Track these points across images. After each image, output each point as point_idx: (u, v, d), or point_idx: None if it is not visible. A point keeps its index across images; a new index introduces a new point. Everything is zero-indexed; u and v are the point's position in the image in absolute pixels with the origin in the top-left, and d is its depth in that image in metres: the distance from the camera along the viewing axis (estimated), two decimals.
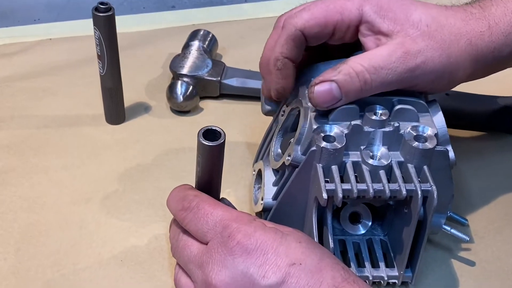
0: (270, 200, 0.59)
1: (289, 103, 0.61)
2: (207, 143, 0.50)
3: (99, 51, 0.71)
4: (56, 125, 0.76)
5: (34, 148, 0.73)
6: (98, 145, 0.74)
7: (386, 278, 0.57)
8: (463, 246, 0.63)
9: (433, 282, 0.60)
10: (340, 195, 0.51)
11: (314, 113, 0.56)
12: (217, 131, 0.51)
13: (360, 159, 0.54)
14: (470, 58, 0.56)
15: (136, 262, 0.61)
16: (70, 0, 1.06)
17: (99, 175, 0.70)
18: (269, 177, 0.61)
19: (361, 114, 0.55)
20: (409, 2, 0.56)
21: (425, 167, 0.53)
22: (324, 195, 0.51)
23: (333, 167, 0.53)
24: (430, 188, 0.52)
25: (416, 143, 0.53)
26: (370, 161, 0.53)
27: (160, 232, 0.64)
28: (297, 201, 0.56)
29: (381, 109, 0.55)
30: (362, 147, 0.55)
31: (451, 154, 0.56)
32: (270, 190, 0.60)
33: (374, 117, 0.54)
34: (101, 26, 0.69)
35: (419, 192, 0.52)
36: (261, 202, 0.60)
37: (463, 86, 0.61)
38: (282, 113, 0.62)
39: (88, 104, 0.80)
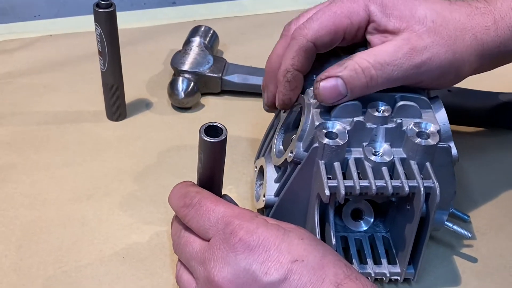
0: (272, 197, 0.59)
1: None
2: (209, 140, 0.50)
3: (100, 48, 0.71)
4: (57, 122, 0.76)
5: (35, 145, 0.73)
6: (99, 142, 0.74)
7: (388, 275, 0.56)
8: (465, 243, 0.63)
9: (435, 279, 0.60)
10: (343, 192, 0.51)
11: (317, 110, 0.56)
12: (219, 127, 0.51)
13: (363, 156, 0.54)
14: (476, 53, 0.56)
15: (138, 259, 0.61)
16: None
17: (100, 172, 0.70)
18: (271, 174, 0.61)
19: (364, 111, 0.55)
20: None
21: (428, 164, 0.53)
22: (327, 192, 0.51)
23: (336, 164, 0.53)
24: (433, 185, 0.52)
25: (419, 140, 0.53)
26: (373, 158, 0.53)
27: (162, 229, 0.64)
28: (299, 198, 0.56)
29: (384, 106, 0.55)
30: (365, 144, 0.54)
31: (454, 151, 0.56)
32: (272, 187, 0.60)
33: (377, 114, 0.54)
34: (102, 22, 0.69)
35: (422, 189, 0.52)
36: (263, 199, 0.60)
37: (465, 83, 0.61)
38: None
39: (89, 101, 0.80)
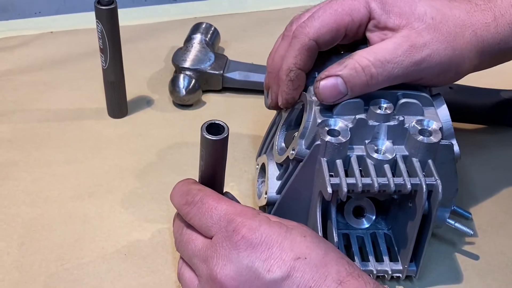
0: (274, 194, 0.59)
1: None
2: (211, 137, 0.50)
3: (102, 45, 0.71)
4: (58, 119, 0.76)
5: (37, 142, 0.73)
6: (101, 139, 0.74)
7: (390, 272, 0.57)
8: (467, 240, 0.63)
9: (437, 276, 0.60)
10: (345, 189, 0.51)
11: (319, 107, 0.56)
12: (221, 125, 0.51)
13: (365, 153, 0.54)
14: (476, 50, 0.56)
15: (140, 256, 0.61)
16: None
17: (102, 169, 0.70)
18: (273, 171, 0.61)
19: (366, 108, 0.55)
20: None
21: (430, 161, 0.53)
22: (329, 189, 0.51)
23: (338, 161, 0.53)
24: (435, 182, 0.52)
25: (421, 137, 0.53)
26: (375, 155, 0.53)
27: (164, 226, 0.64)
28: (301, 195, 0.56)
29: (386, 103, 0.55)
30: (367, 141, 0.54)
31: (456, 148, 0.56)
32: (274, 184, 0.60)
33: (379, 111, 0.54)
34: (104, 19, 0.69)
35: (424, 186, 0.52)
36: (265, 196, 0.60)
37: (466, 80, 0.61)
38: None
39: (90, 98, 0.80)
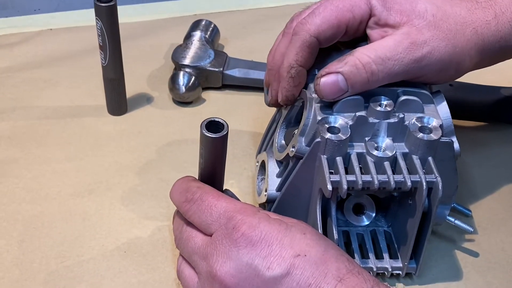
0: (274, 192, 0.59)
1: None
2: (210, 135, 0.50)
3: (101, 42, 0.71)
4: (58, 116, 0.76)
5: (36, 140, 0.73)
6: (100, 137, 0.74)
7: (390, 269, 0.57)
8: (467, 237, 0.63)
9: (437, 273, 0.60)
10: (345, 187, 0.51)
11: (319, 104, 0.56)
12: (220, 123, 0.50)
13: (365, 151, 0.54)
14: (476, 48, 0.56)
15: (140, 254, 0.61)
16: None
17: (102, 167, 0.70)
18: (273, 169, 0.61)
19: (366, 105, 0.55)
20: None
21: (430, 159, 0.53)
22: (329, 187, 0.51)
23: (338, 159, 0.53)
24: (435, 180, 0.52)
25: (421, 134, 0.53)
26: (375, 153, 0.53)
27: (163, 224, 0.64)
28: (301, 193, 0.56)
29: (386, 100, 0.55)
30: (367, 139, 0.54)
31: (456, 145, 0.56)
32: (274, 182, 0.60)
33: (379, 108, 0.54)
34: (103, 16, 0.69)
35: (424, 184, 0.52)
36: (265, 194, 0.60)
37: (467, 78, 0.61)
38: None
39: (90, 95, 0.80)
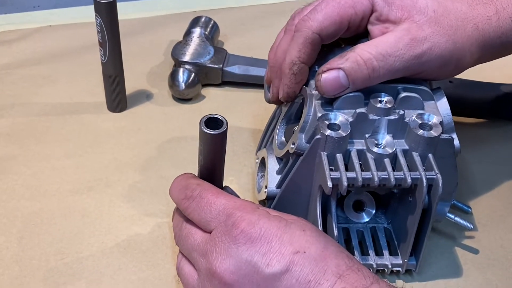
0: (274, 188, 0.59)
1: None
2: (209, 132, 0.50)
3: (101, 38, 0.71)
4: (57, 113, 0.76)
5: (36, 136, 0.73)
6: (100, 133, 0.74)
7: (390, 266, 0.57)
8: (467, 234, 0.63)
9: (437, 270, 0.60)
10: (345, 184, 0.51)
11: (319, 101, 0.55)
12: (219, 119, 0.50)
13: (365, 147, 0.54)
14: (477, 44, 0.56)
15: (139, 251, 0.61)
16: None
17: (101, 164, 0.70)
18: (273, 165, 0.61)
19: (366, 102, 0.55)
20: None
21: (430, 155, 0.53)
22: (329, 184, 0.51)
23: (338, 155, 0.53)
24: (435, 176, 0.52)
25: (421, 131, 0.53)
26: (375, 149, 0.53)
27: (163, 220, 0.64)
28: (301, 190, 0.56)
29: (386, 97, 0.54)
30: (367, 135, 0.54)
31: (456, 142, 0.56)
32: (274, 178, 0.60)
33: (379, 105, 0.54)
34: (103, 13, 0.69)
35: (424, 180, 0.52)
36: (265, 190, 0.60)
37: (466, 74, 0.61)
38: None
39: (89, 92, 0.80)
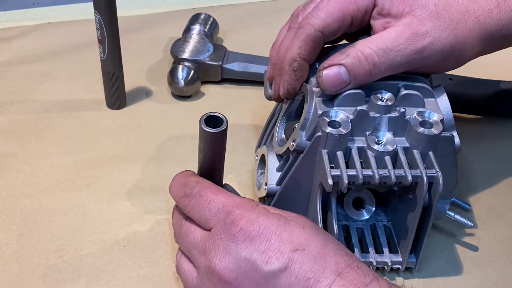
0: (274, 186, 0.59)
1: None
2: (209, 130, 0.49)
3: (100, 35, 0.71)
4: (57, 110, 0.76)
5: (35, 133, 0.73)
6: (99, 130, 0.74)
7: (390, 264, 0.57)
8: (466, 231, 0.63)
9: (437, 267, 0.60)
10: (346, 181, 0.51)
11: (319, 98, 0.55)
12: (219, 118, 0.50)
13: (366, 145, 0.54)
14: (479, 37, 0.55)
15: (139, 248, 0.61)
16: None
17: (100, 160, 0.70)
18: (273, 163, 0.61)
19: (367, 100, 0.54)
20: None
21: (431, 153, 0.53)
22: (330, 181, 0.51)
23: (338, 153, 0.53)
24: (436, 174, 0.52)
25: (422, 129, 0.53)
26: (376, 147, 0.53)
27: (163, 218, 0.63)
28: (301, 187, 0.56)
29: (387, 95, 0.54)
30: (368, 133, 0.54)
31: (456, 140, 0.56)
32: (274, 176, 0.59)
33: (380, 103, 0.54)
34: (102, 10, 0.69)
35: (425, 178, 0.52)
36: (265, 188, 0.60)
37: (466, 71, 0.61)
38: None
39: (89, 89, 0.80)
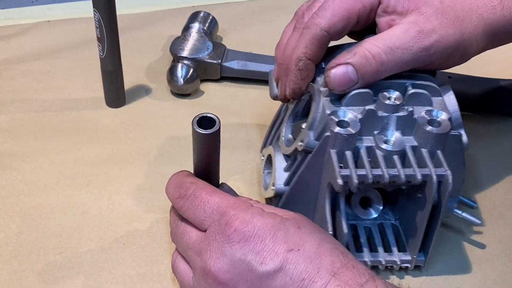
0: (282, 186, 0.59)
1: None
2: (202, 132, 0.49)
3: (99, 34, 0.70)
4: (56, 109, 0.76)
5: (34, 132, 0.72)
6: (99, 129, 0.73)
7: (399, 263, 0.56)
8: (474, 229, 0.63)
9: (445, 266, 0.60)
10: (356, 181, 0.51)
11: (327, 98, 0.55)
12: (212, 118, 0.49)
13: (374, 144, 0.53)
14: (483, 33, 0.56)
15: (138, 246, 0.60)
16: None
17: (100, 159, 0.70)
18: (280, 163, 0.60)
19: (375, 99, 0.54)
20: None
21: (439, 152, 0.53)
22: (340, 181, 0.51)
23: (347, 153, 0.52)
24: (445, 173, 0.52)
25: (430, 128, 0.53)
26: (384, 146, 0.53)
27: (162, 216, 0.63)
28: (310, 187, 0.56)
29: (395, 94, 0.54)
30: (376, 132, 0.54)
31: (464, 138, 0.55)
32: (282, 176, 0.59)
33: (388, 102, 0.53)
34: (101, 8, 0.68)
35: (434, 177, 0.51)
36: (272, 188, 0.59)
37: (466, 70, 0.61)
38: None
39: (88, 87, 0.79)
